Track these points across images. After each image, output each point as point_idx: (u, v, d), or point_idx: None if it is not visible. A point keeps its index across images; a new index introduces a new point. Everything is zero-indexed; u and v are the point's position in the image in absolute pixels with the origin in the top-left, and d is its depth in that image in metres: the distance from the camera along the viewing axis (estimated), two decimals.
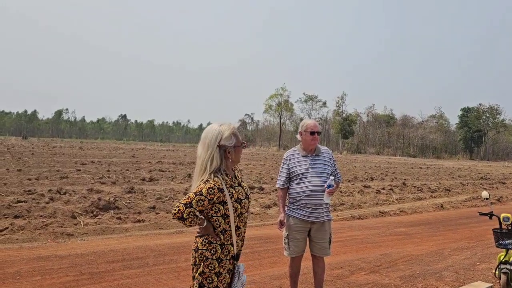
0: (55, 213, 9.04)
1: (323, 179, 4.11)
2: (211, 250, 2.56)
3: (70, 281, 4.97)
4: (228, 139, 2.63)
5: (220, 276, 2.56)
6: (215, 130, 2.64)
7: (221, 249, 2.59)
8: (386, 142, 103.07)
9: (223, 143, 2.62)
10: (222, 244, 2.59)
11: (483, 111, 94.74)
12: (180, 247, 6.85)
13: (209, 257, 2.55)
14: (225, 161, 2.66)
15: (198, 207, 2.48)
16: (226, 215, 2.59)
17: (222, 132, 2.63)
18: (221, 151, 2.62)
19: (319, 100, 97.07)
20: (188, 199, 2.47)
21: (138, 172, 18.83)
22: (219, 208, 2.57)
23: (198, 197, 2.48)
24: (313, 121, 4.35)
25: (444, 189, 19.05)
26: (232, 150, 2.66)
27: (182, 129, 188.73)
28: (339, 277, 5.49)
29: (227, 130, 2.64)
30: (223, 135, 2.62)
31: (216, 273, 2.55)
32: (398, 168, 34.82)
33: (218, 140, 2.61)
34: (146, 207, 10.42)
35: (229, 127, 2.67)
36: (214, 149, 2.60)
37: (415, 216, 11.87)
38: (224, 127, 2.66)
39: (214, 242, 2.58)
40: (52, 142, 61.94)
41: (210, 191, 2.49)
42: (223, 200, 2.56)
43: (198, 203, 2.47)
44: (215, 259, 2.56)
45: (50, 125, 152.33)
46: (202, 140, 2.66)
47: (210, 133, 2.64)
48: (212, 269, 2.54)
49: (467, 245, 7.90)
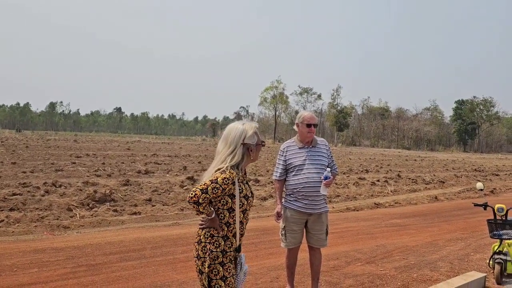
0: (51, 206, 9.03)
1: (320, 170, 4.11)
2: (214, 243, 2.60)
3: (67, 273, 4.98)
4: (251, 138, 2.71)
5: (225, 266, 2.60)
6: (239, 129, 2.71)
7: (224, 242, 2.62)
8: (381, 135, 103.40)
9: (247, 141, 2.69)
10: (224, 236, 2.63)
11: (477, 103, 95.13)
12: (177, 239, 6.86)
13: (213, 250, 2.58)
14: (246, 158, 2.74)
15: (213, 194, 2.53)
16: (232, 208, 2.63)
17: (246, 131, 2.71)
18: (244, 148, 2.70)
19: (314, 92, 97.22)
20: (205, 185, 2.52)
21: (133, 165, 18.80)
22: (226, 201, 2.62)
23: (213, 185, 2.53)
24: (310, 113, 4.32)
25: (439, 181, 19.18)
26: (254, 148, 2.74)
27: (177, 122, 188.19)
28: (335, 268, 5.53)
29: (251, 129, 2.73)
30: (247, 133, 2.70)
31: (221, 263, 2.59)
32: (392, 160, 34.98)
33: (243, 138, 2.69)
34: (142, 200, 10.42)
35: (252, 126, 2.76)
36: (238, 146, 2.68)
37: (410, 207, 11.96)
38: (247, 125, 2.75)
39: (216, 235, 2.61)
40: (46, 135, 61.60)
41: (225, 181, 2.55)
42: (232, 193, 2.61)
43: (213, 191, 2.52)
44: (219, 251, 2.60)
45: (44, 118, 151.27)
46: (224, 137, 2.73)
47: (233, 131, 2.71)
48: (215, 259, 2.58)
49: (462, 236, 7.97)
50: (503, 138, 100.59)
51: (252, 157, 2.77)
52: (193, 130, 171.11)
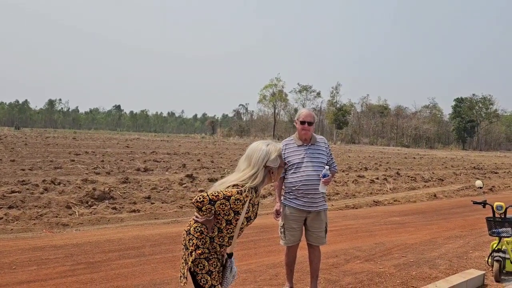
0: (50, 204, 9.02)
1: (319, 168, 4.09)
2: (201, 239, 2.59)
3: (66, 270, 4.97)
4: (274, 161, 2.69)
5: (210, 261, 2.59)
6: (263, 150, 2.68)
7: (210, 242, 2.60)
8: (380, 132, 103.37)
9: (269, 164, 2.67)
10: (211, 238, 2.61)
11: (476, 101, 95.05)
12: (176, 237, 6.86)
13: (200, 246, 2.58)
14: (266, 180, 2.72)
15: (219, 208, 2.50)
16: (230, 221, 2.59)
17: (269, 153, 2.68)
18: (265, 171, 2.67)
19: (314, 90, 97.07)
20: (215, 197, 2.47)
21: (132, 163, 18.79)
22: (229, 214, 2.58)
23: (223, 201, 2.49)
24: (308, 110, 4.30)
25: (438, 178, 19.20)
26: (275, 171, 2.72)
27: (177, 120, 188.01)
28: (334, 265, 5.54)
29: (275, 152, 2.70)
30: (270, 156, 2.68)
31: (206, 258, 2.57)
32: (392, 158, 35.01)
33: (265, 161, 2.66)
34: (141, 197, 10.41)
35: (276, 149, 2.73)
36: (260, 168, 2.65)
37: (409, 205, 11.97)
38: (271, 148, 2.71)
39: (205, 233, 2.59)
40: (45, 132, 61.52)
41: (237, 203, 2.52)
42: (238, 211, 2.58)
43: (220, 206, 2.49)
44: (206, 247, 2.59)
45: (43, 115, 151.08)
46: (247, 156, 2.70)
47: (257, 152, 2.68)
48: (201, 254, 2.57)
49: (460, 233, 7.98)
50: (502, 136, 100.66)
51: (273, 179, 2.76)
52: (192, 127, 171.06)
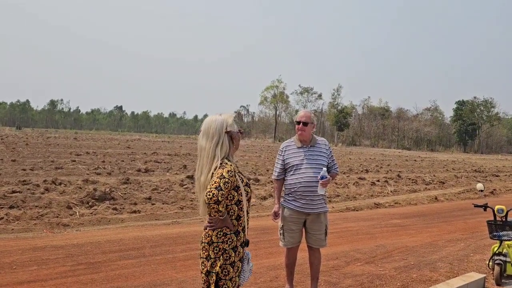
0: (51, 204, 9.02)
1: (318, 170, 4.07)
2: (227, 241, 2.57)
3: (66, 271, 4.98)
4: (232, 125, 2.71)
5: (234, 266, 2.59)
6: (219, 119, 2.68)
7: (236, 237, 2.61)
8: (381, 135, 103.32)
9: (229, 129, 2.68)
10: (236, 232, 2.62)
11: (478, 104, 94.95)
12: (177, 238, 6.86)
13: (227, 249, 2.56)
14: (233, 148, 2.73)
15: (226, 189, 2.46)
16: (239, 201, 2.62)
17: (226, 120, 2.69)
18: (228, 137, 2.68)
19: (315, 92, 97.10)
20: (216, 183, 2.44)
21: (133, 163, 18.79)
22: (233, 195, 2.59)
23: (223, 180, 2.47)
24: (305, 111, 4.30)
25: (439, 181, 19.17)
26: (236, 135, 2.72)
27: (178, 121, 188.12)
28: (335, 267, 5.53)
29: (230, 118, 2.72)
30: (228, 122, 2.69)
31: (231, 264, 2.57)
32: (393, 160, 34.96)
33: (225, 127, 2.66)
34: (142, 198, 10.42)
35: (229, 115, 2.75)
36: (222, 135, 2.65)
37: (410, 208, 11.96)
38: (225, 115, 2.73)
39: (228, 233, 2.58)
40: (46, 132, 61.59)
41: (231, 173, 2.52)
42: (236, 185, 2.59)
43: (225, 185, 2.46)
44: (231, 248, 2.57)
45: (44, 115, 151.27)
46: (204, 131, 2.67)
47: (213, 122, 2.67)
48: (227, 259, 2.56)
49: (461, 236, 7.97)
50: (503, 139, 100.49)
51: (235, 145, 2.75)
52: (193, 129, 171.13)
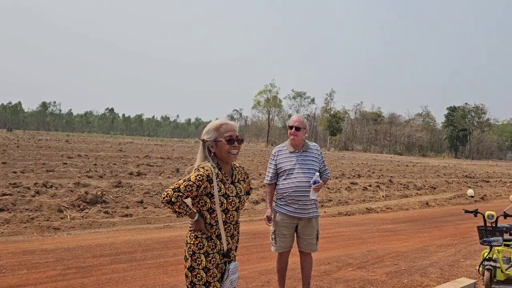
0: (41, 207, 8.95)
1: (310, 175, 4.09)
2: (197, 244, 2.60)
3: (56, 275, 4.93)
4: (207, 134, 2.71)
5: (209, 272, 2.58)
6: (207, 127, 2.76)
7: (207, 243, 2.61)
8: (373, 140, 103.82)
9: (203, 137, 2.72)
10: (208, 237, 2.62)
11: (469, 110, 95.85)
12: (168, 242, 6.83)
13: (196, 252, 2.58)
14: (213, 155, 2.72)
15: (186, 192, 2.52)
16: (212, 209, 2.62)
17: (208, 128, 2.74)
18: (204, 145, 2.72)
19: (308, 96, 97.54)
20: (177, 185, 2.55)
21: (125, 166, 18.70)
22: (205, 202, 2.61)
23: (186, 183, 2.53)
24: (298, 116, 4.31)
25: (430, 186, 19.29)
26: (213, 144, 2.69)
27: (170, 124, 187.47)
28: (326, 272, 5.54)
29: (212, 125, 2.73)
30: (206, 130, 2.74)
31: (204, 269, 2.57)
32: (384, 165, 35.14)
33: (203, 135, 2.73)
34: (134, 202, 10.37)
35: (215, 122, 2.74)
36: (200, 144, 2.76)
37: (401, 213, 12.01)
38: (212, 122, 2.76)
39: (200, 236, 2.61)
40: (37, 134, 61.08)
41: (199, 178, 2.55)
42: (210, 192, 2.59)
43: (186, 188, 2.52)
44: (202, 253, 2.58)
45: (36, 117, 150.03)
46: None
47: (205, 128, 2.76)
48: (199, 264, 2.57)
49: (452, 242, 8.02)
50: (493, 145, 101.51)
51: (216, 154, 2.70)
52: (186, 132, 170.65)
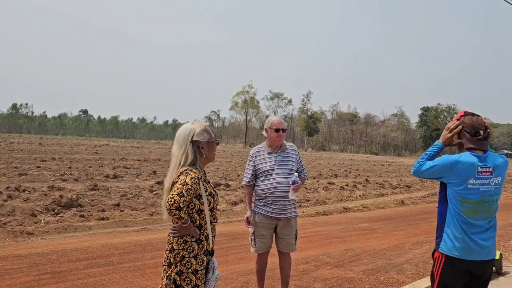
0: (14, 211, 8.72)
1: (289, 175, 4.13)
2: (187, 248, 2.60)
3: (30, 281, 4.82)
4: (200, 135, 2.73)
5: (197, 274, 2.60)
6: (187, 128, 2.75)
7: (198, 245, 2.63)
8: (350, 140, 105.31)
9: (195, 138, 2.71)
10: (198, 240, 2.63)
11: (442, 110, 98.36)
12: (146, 245, 6.76)
13: (186, 256, 2.58)
14: (199, 157, 2.75)
15: (188, 196, 2.51)
16: (200, 210, 2.65)
17: (194, 129, 2.74)
18: (194, 146, 2.72)
19: (285, 97, 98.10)
20: (179, 190, 2.49)
21: (101, 169, 18.40)
22: (194, 204, 2.63)
23: (186, 187, 2.51)
24: (279, 118, 4.36)
25: (405, 185, 19.69)
26: (205, 145, 2.75)
27: (147, 126, 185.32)
28: (305, 272, 5.59)
29: (199, 127, 2.76)
30: (195, 131, 2.73)
31: (193, 272, 2.58)
32: (361, 165, 35.66)
33: (191, 136, 2.71)
34: (110, 205, 10.21)
35: (201, 124, 2.79)
36: (188, 145, 2.70)
37: (377, 211, 12.22)
38: (196, 124, 2.78)
39: (189, 240, 2.60)
40: (9, 137, 59.44)
41: (194, 180, 2.55)
42: (199, 194, 2.62)
43: (187, 192, 2.51)
44: (192, 257, 2.59)
45: (7, 119, 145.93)
46: (176, 139, 2.76)
47: (182, 131, 2.75)
48: (189, 268, 2.57)
49: (426, 239, 8.20)
50: None
51: (205, 155, 2.77)
52: (163, 134, 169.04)
